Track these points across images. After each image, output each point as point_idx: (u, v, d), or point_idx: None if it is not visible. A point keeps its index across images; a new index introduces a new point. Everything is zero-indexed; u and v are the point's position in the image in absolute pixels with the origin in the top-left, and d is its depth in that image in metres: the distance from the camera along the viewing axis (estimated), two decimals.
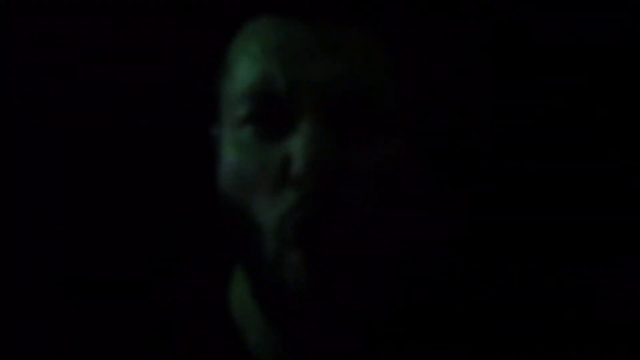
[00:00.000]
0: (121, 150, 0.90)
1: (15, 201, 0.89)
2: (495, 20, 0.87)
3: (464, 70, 0.88)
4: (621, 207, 0.88)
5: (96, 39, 0.89)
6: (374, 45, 0.64)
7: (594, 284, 0.85)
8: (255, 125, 0.62)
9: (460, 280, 0.75)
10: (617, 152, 0.88)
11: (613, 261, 0.86)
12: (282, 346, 0.65)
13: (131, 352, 0.68)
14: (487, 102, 0.88)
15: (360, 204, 0.61)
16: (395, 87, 0.64)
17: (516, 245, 0.88)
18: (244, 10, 0.66)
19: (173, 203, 0.89)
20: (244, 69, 0.63)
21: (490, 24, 0.87)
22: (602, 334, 0.78)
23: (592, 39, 0.86)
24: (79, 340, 0.70)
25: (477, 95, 0.88)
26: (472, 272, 0.85)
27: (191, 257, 0.87)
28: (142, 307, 0.71)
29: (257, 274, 0.63)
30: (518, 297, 0.74)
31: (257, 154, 0.62)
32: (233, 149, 0.64)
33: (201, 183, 0.68)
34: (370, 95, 0.62)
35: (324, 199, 0.59)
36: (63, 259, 0.88)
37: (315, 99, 0.61)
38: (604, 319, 0.80)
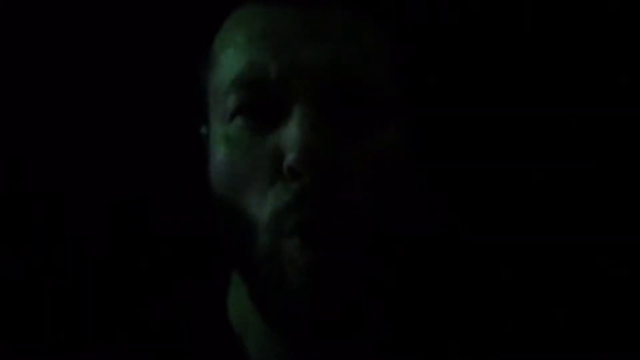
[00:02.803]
0: (114, 151, 0.88)
1: (13, 207, 0.88)
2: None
3: (460, 53, 0.87)
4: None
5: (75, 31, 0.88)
6: (366, 27, 0.62)
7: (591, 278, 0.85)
8: (245, 118, 0.60)
9: (461, 270, 0.74)
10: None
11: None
12: (282, 351, 0.63)
13: None
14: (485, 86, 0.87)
15: (358, 194, 0.59)
16: (390, 70, 0.63)
17: (516, 237, 0.86)
18: (228, 0, 0.64)
19: (169, 208, 0.88)
20: (230, 59, 0.61)
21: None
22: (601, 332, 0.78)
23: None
24: (77, 347, 0.70)
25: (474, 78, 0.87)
26: (471, 262, 0.84)
27: (189, 264, 0.86)
28: (140, 316, 0.70)
29: (252, 271, 0.61)
30: (518, 294, 0.74)
31: (248, 148, 0.60)
32: (223, 145, 0.61)
33: (199, 186, 0.66)
34: (365, 80, 0.60)
35: (322, 192, 0.57)
36: (58, 265, 0.87)
37: (306, 85, 0.59)
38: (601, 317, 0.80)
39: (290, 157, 0.57)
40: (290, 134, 0.58)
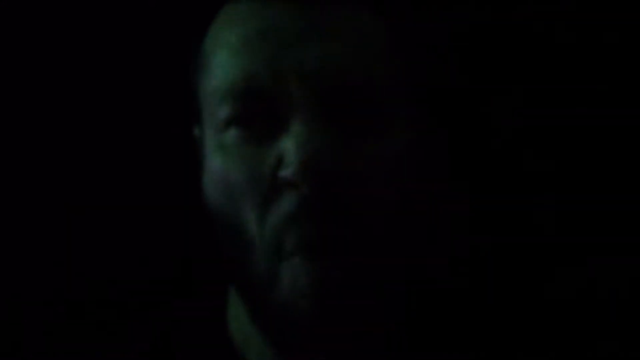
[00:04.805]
0: (110, 158, 0.87)
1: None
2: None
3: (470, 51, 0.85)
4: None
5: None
6: (370, 26, 0.59)
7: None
8: (240, 128, 0.57)
9: (477, 288, 0.73)
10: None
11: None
12: None
13: None
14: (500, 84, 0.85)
15: (367, 206, 0.56)
16: (397, 72, 0.59)
17: (534, 247, 0.84)
18: None
19: (166, 222, 0.86)
20: (223, 64, 0.58)
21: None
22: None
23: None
24: None
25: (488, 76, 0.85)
26: (487, 276, 0.82)
27: (187, 279, 0.84)
28: (139, 333, 0.68)
29: (250, 290, 0.58)
30: (533, 303, 0.72)
31: (245, 159, 0.57)
32: (217, 155, 0.59)
33: (196, 195, 0.64)
34: (371, 82, 0.57)
35: (325, 206, 0.55)
36: (56, 282, 0.85)
37: (306, 92, 0.55)
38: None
39: (288, 172, 0.54)
40: (288, 147, 0.55)
